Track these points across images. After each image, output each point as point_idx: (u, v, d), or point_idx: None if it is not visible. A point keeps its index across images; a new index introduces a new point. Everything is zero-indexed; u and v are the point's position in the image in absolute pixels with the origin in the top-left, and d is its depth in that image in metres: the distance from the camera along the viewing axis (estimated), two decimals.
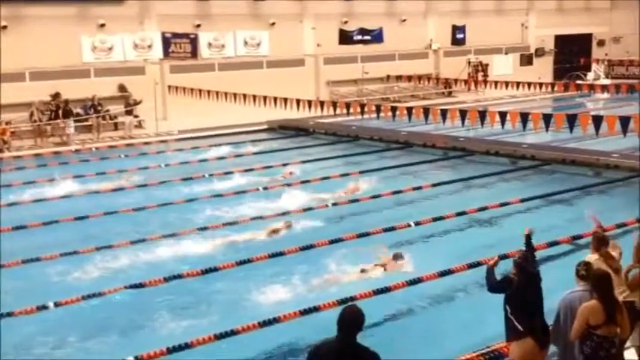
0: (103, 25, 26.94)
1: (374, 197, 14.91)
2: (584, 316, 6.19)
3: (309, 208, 14.11)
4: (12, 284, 10.06)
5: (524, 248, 7.15)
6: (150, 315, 9.15)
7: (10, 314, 8.97)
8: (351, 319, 5.20)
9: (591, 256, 7.24)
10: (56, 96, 24.98)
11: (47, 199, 15.41)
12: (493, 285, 6.84)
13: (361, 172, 17.59)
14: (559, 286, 6.94)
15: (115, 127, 25.72)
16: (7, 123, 23.05)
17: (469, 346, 7.80)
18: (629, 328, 6.42)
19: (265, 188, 16.03)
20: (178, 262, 10.99)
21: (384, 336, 7.92)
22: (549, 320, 6.75)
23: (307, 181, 16.61)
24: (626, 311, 6.40)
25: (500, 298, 6.75)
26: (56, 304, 9.26)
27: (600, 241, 7.42)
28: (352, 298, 8.74)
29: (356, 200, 14.83)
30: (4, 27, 24.91)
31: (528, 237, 7.28)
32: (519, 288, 6.59)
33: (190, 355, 7.86)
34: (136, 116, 26.33)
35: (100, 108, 25.19)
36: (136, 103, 25.84)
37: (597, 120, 16.70)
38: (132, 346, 8.20)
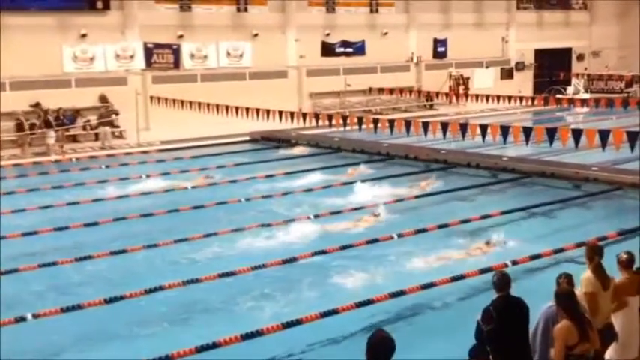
0: (84, 35, 26.84)
1: (356, 209, 14.93)
2: (562, 338, 6.21)
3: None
4: None
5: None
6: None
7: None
8: (381, 345, 4.98)
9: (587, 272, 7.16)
10: (37, 105, 24.81)
11: (26, 209, 15.25)
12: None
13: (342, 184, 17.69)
14: (540, 300, 6.97)
15: (96, 137, 25.56)
16: None
17: None
18: (598, 341, 6.45)
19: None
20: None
21: None
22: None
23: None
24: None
25: None
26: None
27: (594, 251, 7.35)
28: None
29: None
30: None
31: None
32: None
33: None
34: (117, 126, 26.20)
35: (64, 119, 24.78)
36: (111, 113, 25.54)
37: (577, 133, 16.89)
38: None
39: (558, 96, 33.01)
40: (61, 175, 19.81)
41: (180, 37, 28.99)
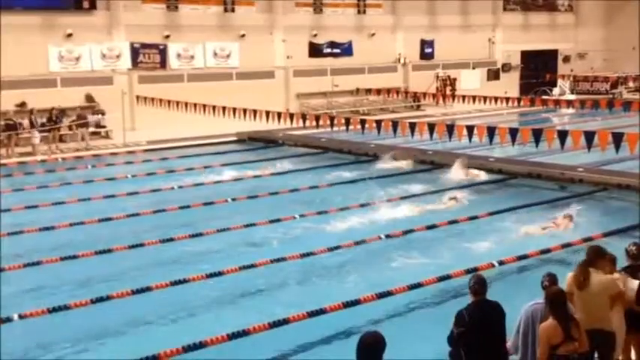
0: (70, 35, 26.69)
1: (342, 209, 14.92)
2: (546, 337, 6.22)
3: None
4: None
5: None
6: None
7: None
8: (372, 345, 5.02)
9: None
10: (22, 105, 24.62)
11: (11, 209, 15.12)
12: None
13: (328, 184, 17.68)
14: (527, 300, 6.98)
15: (82, 137, 25.36)
16: None
17: None
18: (586, 342, 6.42)
19: None
20: None
21: None
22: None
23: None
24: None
25: None
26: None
27: (597, 254, 7.15)
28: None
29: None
30: None
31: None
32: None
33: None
34: (103, 126, 26.07)
35: (57, 119, 24.54)
36: (87, 114, 25.36)
37: (562, 135, 16.99)
38: None
39: (544, 97, 33.31)
40: (47, 175, 19.67)
41: (167, 37, 28.88)
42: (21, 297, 10.19)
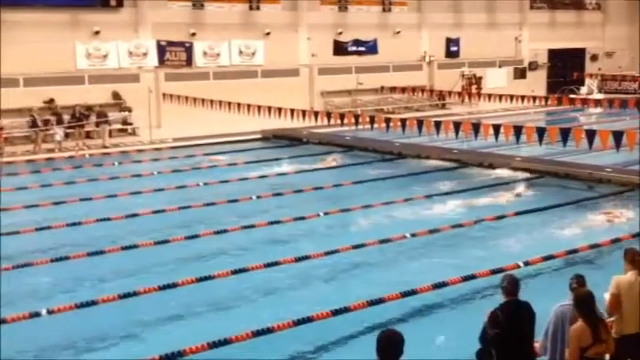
0: (97, 32, 26.93)
1: (365, 207, 14.89)
2: (576, 339, 6.16)
3: None
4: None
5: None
6: None
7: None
8: (389, 344, 4.99)
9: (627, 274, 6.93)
10: (51, 102, 24.92)
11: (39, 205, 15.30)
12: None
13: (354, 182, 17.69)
14: (553, 301, 6.91)
15: (110, 134, 25.60)
16: (0, 129, 22.94)
17: None
18: (613, 344, 6.37)
19: None
20: None
21: None
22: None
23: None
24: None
25: None
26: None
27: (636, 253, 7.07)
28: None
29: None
30: None
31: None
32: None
33: None
34: (130, 123, 26.31)
35: (81, 116, 24.81)
36: (119, 111, 25.70)
37: (590, 134, 16.76)
38: None
39: (572, 96, 32.86)
40: (74, 172, 19.89)
41: (193, 34, 29.04)
42: (49, 292, 10.32)
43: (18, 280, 10.59)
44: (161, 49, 28.34)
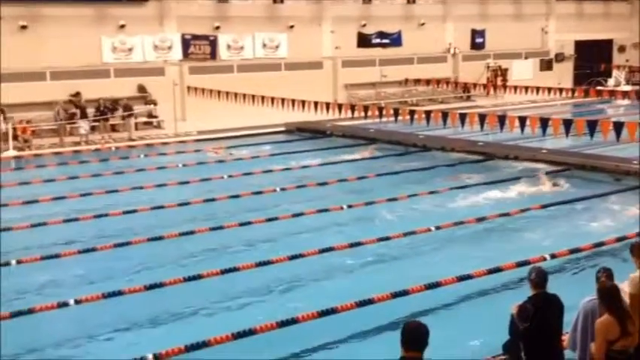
0: (123, 26, 27.13)
1: (390, 200, 14.87)
2: (604, 333, 6.10)
3: None
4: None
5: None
6: None
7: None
8: (414, 336, 4.97)
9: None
10: (77, 95, 25.19)
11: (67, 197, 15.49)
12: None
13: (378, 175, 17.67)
14: (579, 294, 6.86)
15: (135, 127, 25.81)
16: (27, 122, 23.24)
17: None
18: (637, 337, 6.27)
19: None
20: None
21: None
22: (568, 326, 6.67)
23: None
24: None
25: None
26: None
27: None
28: None
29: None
30: (24, 27, 25.14)
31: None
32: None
33: None
34: (155, 116, 26.51)
35: (105, 109, 25.01)
36: (144, 104, 25.98)
37: (618, 126, 16.53)
38: None
39: (599, 88, 32.41)
40: (100, 164, 20.11)
41: (217, 28, 29.12)
42: (76, 282, 10.47)
43: (46, 271, 10.75)
44: (186, 43, 28.47)
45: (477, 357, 7.56)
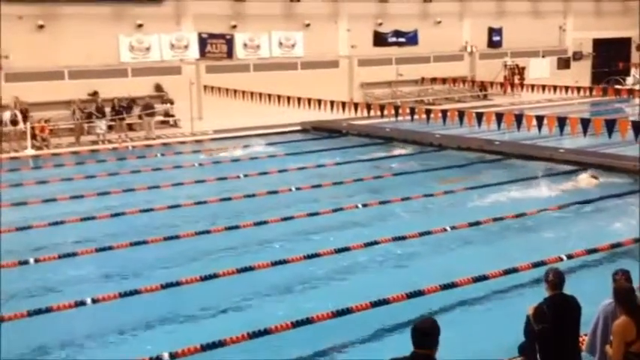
0: (140, 25, 27.27)
1: (404, 199, 14.85)
2: (621, 336, 6.05)
3: None
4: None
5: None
6: None
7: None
8: (425, 334, 4.98)
9: None
10: (95, 94, 25.36)
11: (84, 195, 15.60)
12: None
13: (394, 175, 17.64)
14: (597, 295, 6.82)
15: (148, 126, 25.89)
16: (45, 121, 23.44)
17: None
18: None
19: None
20: None
21: None
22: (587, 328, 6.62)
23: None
24: None
25: None
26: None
27: None
28: None
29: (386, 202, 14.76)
30: (42, 26, 25.35)
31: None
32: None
33: None
34: (172, 115, 26.64)
35: (120, 109, 25.14)
36: (161, 102, 26.19)
37: (637, 126, 16.37)
38: None
39: (617, 87, 32.13)
40: (117, 163, 20.24)
41: (234, 27, 29.20)
42: (93, 281, 10.54)
43: (63, 270, 10.84)
44: (202, 42, 28.58)
45: (493, 358, 7.53)
